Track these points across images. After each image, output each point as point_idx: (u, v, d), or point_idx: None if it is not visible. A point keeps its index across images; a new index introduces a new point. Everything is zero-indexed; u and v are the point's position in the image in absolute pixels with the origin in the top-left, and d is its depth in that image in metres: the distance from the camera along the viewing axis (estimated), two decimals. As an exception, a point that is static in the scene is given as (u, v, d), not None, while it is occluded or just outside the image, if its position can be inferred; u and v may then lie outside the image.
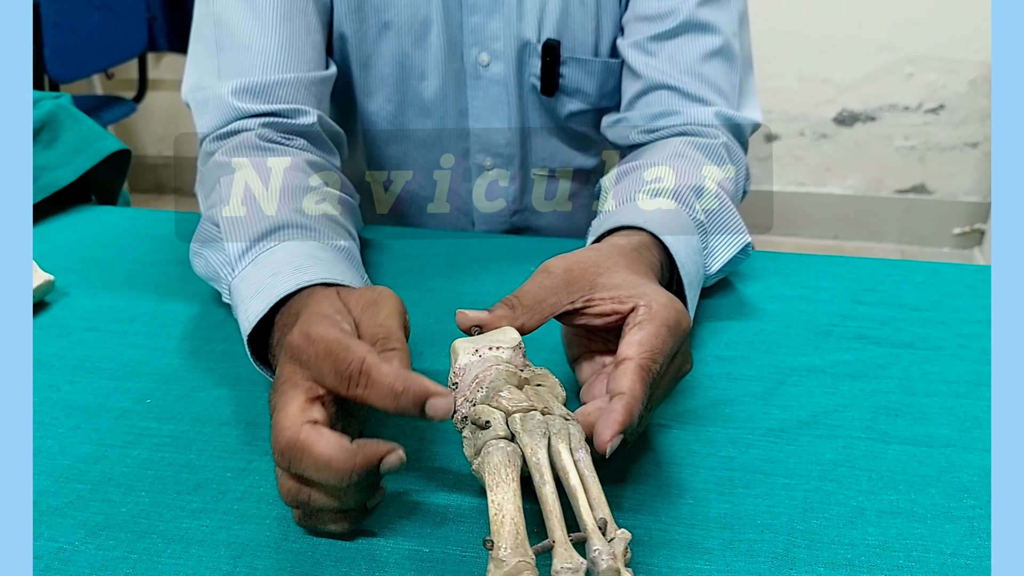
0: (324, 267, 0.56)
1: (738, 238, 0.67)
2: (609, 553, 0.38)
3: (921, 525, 0.47)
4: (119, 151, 0.91)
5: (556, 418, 0.44)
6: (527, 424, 0.43)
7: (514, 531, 0.38)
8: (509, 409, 0.43)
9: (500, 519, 0.39)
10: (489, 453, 0.42)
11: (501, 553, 0.38)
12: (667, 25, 0.78)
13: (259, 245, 0.60)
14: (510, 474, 0.41)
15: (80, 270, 0.76)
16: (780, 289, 0.72)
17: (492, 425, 0.43)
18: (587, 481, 0.42)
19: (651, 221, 0.60)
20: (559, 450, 0.42)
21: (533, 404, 0.44)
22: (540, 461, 0.41)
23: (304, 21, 0.75)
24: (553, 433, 0.43)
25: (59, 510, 0.48)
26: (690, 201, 0.65)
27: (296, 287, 0.53)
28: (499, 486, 0.40)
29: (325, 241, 0.61)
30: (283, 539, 0.46)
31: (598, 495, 0.41)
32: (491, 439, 0.42)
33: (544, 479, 0.41)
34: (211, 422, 0.55)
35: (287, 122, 0.73)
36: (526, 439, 0.42)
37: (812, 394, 0.58)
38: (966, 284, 0.73)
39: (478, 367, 0.47)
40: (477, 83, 0.84)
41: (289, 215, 0.62)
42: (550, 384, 0.48)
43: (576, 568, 0.37)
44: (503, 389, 0.45)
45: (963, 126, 2.40)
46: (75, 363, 0.62)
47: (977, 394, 0.58)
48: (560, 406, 0.46)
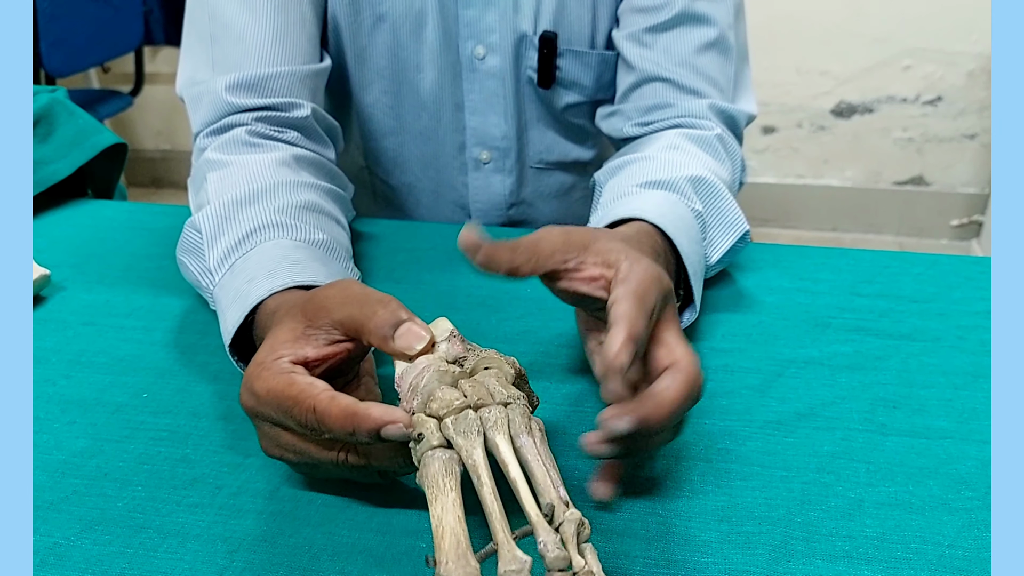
0: (296, 269, 0.55)
1: (736, 227, 0.67)
2: (555, 542, 0.37)
3: (919, 517, 0.47)
4: (115, 145, 0.91)
5: (492, 408, 0.42)
6: (459, 426, 0.41)
7: (455, 543, 0.37)
8: (439, 414, 0.42)
9: (440, 532, 0.37)
10: (425, 465, 0.40)
11: (442, 568, 0.36)
12: (662, 17, 0.77)
13: (236, 251, 0.59)
14: (448, 483, 0.39)
15: (76, 264, 0.75)
16: (778, 281, 0.72)
17: (425, 436, 0.41)
18: (531, 468, 0.40)
19: (651, 212, 0.60)
20: (496, 443, 0.41)
21: (466, 402, 0.42)
22: (476, 462, 0.40)
23: (299, 12, 0.75)
24: (488, 427, 0.41)
25: (55, 505, 0.48)
26: (687, 192, 0.65)
27: (269, 293, 0.53)
28: (437, 499, 0.39)
29: (302, 237, 0.61)
30: (279, 534, 0.46)
31: (543, 479, 0.40)
32: (426, 450, 0.41)
33: (481, 481, 0.39)
34: (207, 417, 0.55)
35: (281, 115, 0.72)
36: (460, 441, 0.41)
37: (810, 386, 0.58)
38: (964, 276, 0.72)
39: (411, 374, 0.45)
40: (473, 76, 0.84)
41: (265, 216, 0.61)
42: (496, 365, 0.46)
43: (520, 568, 0.36)
44: (436, 391, 0.43)
45: (961, 118, 2.40)
46: (71, 358, 0.62)
47: (975, 386, 0.58)
48: (503, 388, 0.44)
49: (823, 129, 2.48)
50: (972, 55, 2.31)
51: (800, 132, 2.50)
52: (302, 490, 0.49)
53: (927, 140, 2.44)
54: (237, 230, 0.60)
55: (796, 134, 2.50)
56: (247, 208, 0.62)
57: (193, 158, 0.74)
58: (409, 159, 0.90)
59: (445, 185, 0.91)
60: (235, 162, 0.67)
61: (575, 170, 0.93)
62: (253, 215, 0.61)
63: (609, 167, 0.74)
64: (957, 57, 2.33)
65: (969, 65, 2.33)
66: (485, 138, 0.87)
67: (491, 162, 0.89)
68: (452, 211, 0.93)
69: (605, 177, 0.74)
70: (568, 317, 0.54)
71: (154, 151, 2.93)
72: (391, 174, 0.92)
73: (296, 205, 0.63)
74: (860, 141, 2.47)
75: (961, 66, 2.33)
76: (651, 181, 0.66)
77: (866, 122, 2.45)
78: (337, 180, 0.75)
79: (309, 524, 0.46)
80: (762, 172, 2.54)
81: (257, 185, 0.64)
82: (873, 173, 2.51)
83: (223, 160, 0.68)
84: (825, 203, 2.56)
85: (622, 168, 0.72)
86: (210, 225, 0.62)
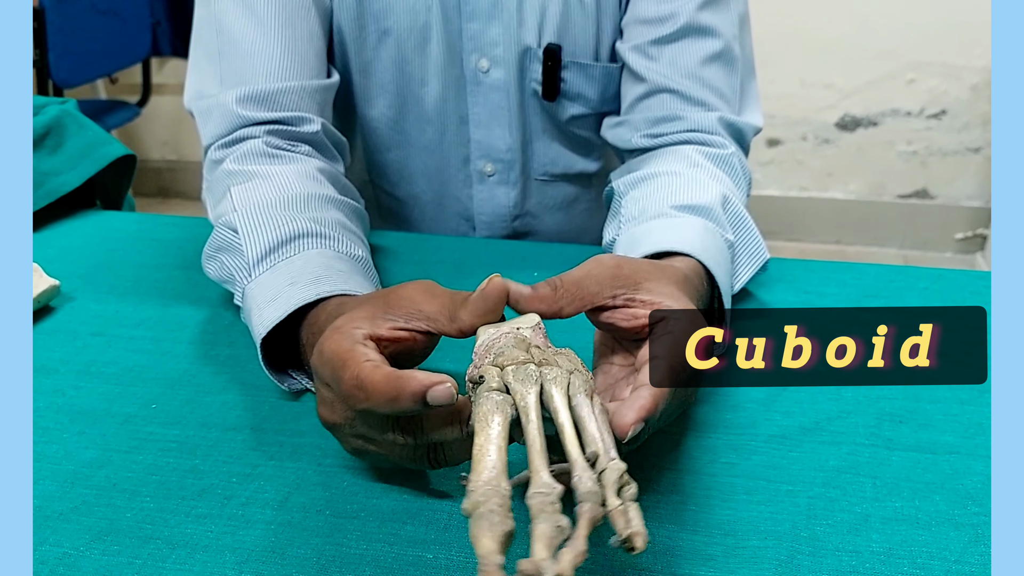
0: (341, 279, 0.57)
1: (759, 256, 0.68)
2: (591, 478, 0.37)
3: (925, 532, 0.47)
4: (124, 156, 0.92)
5: (554, 368, 0.43)
6: (519, 374, 0.42)
7: (490, 464, 0.37)
8: (503, 364, 0.43)
9: (479, 456, 0.38)
10: (478, 404, 0.41)
11: (472, 483, 0.36)
12: (667, 29, 0.78)
13: (278, 252, 0.60)
14: (496, 419, 0.40)
15: (85, 275, 0.76)
16: (783, 295, 0.72)
17: (486, 379, 0.42)
18: (583, 422, 0.41)
19: (696, 246, 0.59)
20: (552, 394, 0.41)
21: (530, 359, 0.43)
22: (528, 404, 0.40)
23: (306, 28, 0.75)
24: (547, 380, 0.42)
25: (64, 515, 0.48)
26: (721, 220, 0.65)
27: (316, 297, 0.54)
28: (483, 431, 0.39)
29: (343, 249, 0.62)
30: (288, 544, 0.46)
31: (594, 432, 0.40)
32: (483, 392, 0.42)
33: (529, 419, 0.40)
34: (216, 427, 0.56)
35: (292, 129, 0.73)
36: (516, 386, 0.41)
37: (815, 400, 0.58)
38: (969, 290, 0.73)
39: (492, 338, 0.46)
40: (477, 89, 0.84)
41: (307, 224, 0.62)
42: (569, 356, 0.47)
43: (548, 491, 0.36)
44: (506, 351, 0.44)
45: (965, 131, 2.40)
46: (80, 368, 0.62)
47: (981, 400, 0.58)
48: (570, 363, 0.44)
49: (827, 142, 2.48)
50: (976, 69, 2.32)
51: (804, 145, 2.50)
52: (311, 500, 0.49)
53: (931, 153, 2.45)
54: (277, 233, 0.61)
55: (800, 147, 2.50)
56: (283, 213, 0.63)
57: (205, 171, 0.74)
58: (413, 172, 0.91)
59: (450, 197, 0.92)
60: (259, 172, 0.68)
61: (579, 182, 0.94)
62: (292, 220, 0.62)
63: (629, 178, 0.73)
64: (961, 71, 2.33)
65: (973, 79, 2.33)
66: (489, 151, 0.88)
67: (495, 174, 0.89)
68: (457, 223, 0.93)
69: (625, 188, 0.73)
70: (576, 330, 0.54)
71: (161, 161, 2.94)
72: (396, 187, 0.92)
73: (332, 219, 0.64)
74: (864, 154, 2.48)
75: (965, 80, 2.34)
76: (687, 205, 0.65)
77: (870, 135, 2.45)
78: (354, 195, 0.75)
79: (318, 535, 0.47)
80: (766, 185, 2.54)
81: (290, 193, 0.65)
82: (877, 186, 2.52)
83: (246, 171, 0.68)
84: (829, 216, 2.56)
85: (646, 181, 0.71)
86: (247, 225, 0.62)
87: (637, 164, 0.77)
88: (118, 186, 0.94)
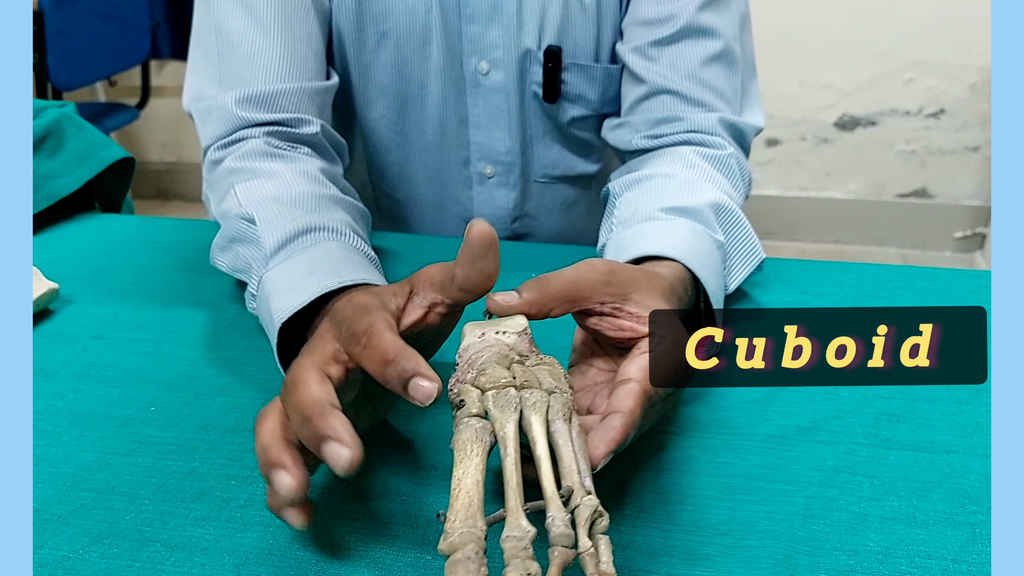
0: (362, 269, 0.57)
1: (754, 256, 0.67)
2: (564, 520, 0.37)
3: (923, 531, 0.47)
4: (123, 159, 0.92)
5: (534, 392, 0.43)
6: (498, 400, 0.42)
7: (467, 503, 0.38)
8: (485, 387, 0.43)
9: (456, 492, 0.38)
10: (459, 430, 0.42)
11: (449, 524, 0.37)
12: (668, 30, 0.78)
13: (296, 241, 0.60)
14: (475, 449, 0.40)
15: (85, 278, 0.76)
16: (781, 295, 0.72)
17: (466, 404, 0.43)
18: (559, 451, 0.41)
19: (682, 251, 0.59)
20: (531, 422, 0.42)
21: (513, 382, 0.43)
22: (506, 435, 0.41)
23: (306, 29, 0.75)
24: (527, 406, 0.42)
25: (63, 518, 0.48)
26: (711, 222, 0.64)
27: (339, 285, 0.54)
28: (461, 462, 0.40)
29: (358, 247, 0.62)
30: (287, 547, 0.46)
31: (569, 464, 0.40)
32: (464, 417, 0.42)
33: (507, 452, 0.40)
34: (215, 430, 0.56)
35: (291, 131, 0.73)
36: (496, 414, 0.42)
37: (812, 400, 0.58)
38: (968, 290, 0.73)
39: (476, 348, 0.46)
40: (477, 91, 0.84)
41: (321, 219, 0.62)
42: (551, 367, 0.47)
43: (522, 536, 0.36)
44: (488, 368, 0.44)
45: (964, 130, 2.40)
46: (79, 371, 0.62)
47: (979, 400, 0.58)
48: (552, 380, 0.45)
49: (826, 142, 2.49)
50: (974, 68, 2.32)
51: (803, 145, 2.50)
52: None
53: (930, 153, 2.45)
54: (293, 224, 0.61)
55: (800, 147, 2.51)
56: (293, 208, 0.63)
57: (205, 171, 0.74)
58: (413, 173, 0.91)
59: (449, 199, 0.92)
60: (262, 169, 0.68)
61: (580, 184, 0.94)
62: (305, 215, 0.62)
63: (626, 179, 0.73)
64: (959, 70, 2.33)
65: (972, 78, 2.34)
66: (489, 153, 0.88)
67: (495, 176, 0.90)
68: (456, 225, 0.93)
69: (621, 189, 0.73)
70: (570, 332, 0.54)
71: (160, 164, 2.94)
72: (395, 188, 0.92)
73: (340, 218, 0.64)
74: (863, 154, 2.48)
75: (964, 79, 2.34)
76: (676, 207, 0.65)
77: (869, 135, 2.45)
78: (355, 196, 0.75)
79: (316, 536, 0.47)
80: (765, 184, 2.54)
81: (296, 191, 0.65)
82: (876, 186, 2.52)
83: (248, 168, 0.68)
84: (828, 215, 2.56)
85: (640, 183, 0.71)
86: (263, 215, 0.62)
87: (635, 165, 0.78)
88: (117, 189, 0.94)
